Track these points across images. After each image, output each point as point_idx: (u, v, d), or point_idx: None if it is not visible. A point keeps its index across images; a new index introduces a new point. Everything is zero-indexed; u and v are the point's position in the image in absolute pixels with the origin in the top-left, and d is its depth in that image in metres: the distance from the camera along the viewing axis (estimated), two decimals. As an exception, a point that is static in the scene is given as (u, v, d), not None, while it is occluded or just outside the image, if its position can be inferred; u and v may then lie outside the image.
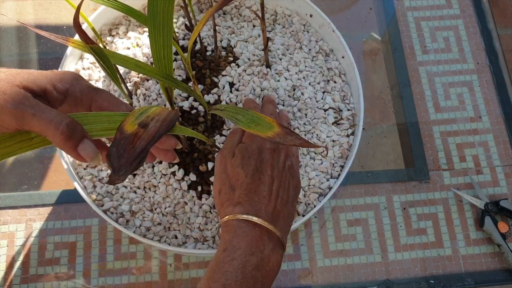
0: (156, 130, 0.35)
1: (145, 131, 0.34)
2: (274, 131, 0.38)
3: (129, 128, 0.34)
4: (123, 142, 0.34)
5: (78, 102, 0.41)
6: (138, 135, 0.34)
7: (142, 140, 0.34)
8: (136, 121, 0.35)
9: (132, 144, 0.34)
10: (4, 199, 0.62)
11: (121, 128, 0.34)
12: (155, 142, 0.35)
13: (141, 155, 0.33)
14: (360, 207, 0.64)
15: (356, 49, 0.72)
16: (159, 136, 0.35)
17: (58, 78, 0.40)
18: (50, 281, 0.59)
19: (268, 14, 0.63)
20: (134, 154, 0.33)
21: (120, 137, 0.34)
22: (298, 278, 0.60)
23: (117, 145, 0.33)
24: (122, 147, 0.33)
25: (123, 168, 0.33)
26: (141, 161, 0.33)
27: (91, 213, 0.61)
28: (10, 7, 0.73)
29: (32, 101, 0.36)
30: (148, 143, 0.34)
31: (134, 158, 0.33)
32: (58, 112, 0.36)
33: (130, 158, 0.33)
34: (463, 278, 0.61)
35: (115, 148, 0.33)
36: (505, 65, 0.72)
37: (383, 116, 0.69)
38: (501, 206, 0.62)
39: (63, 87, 0.40)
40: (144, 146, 0.34)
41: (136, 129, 0.34)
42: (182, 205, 0.53)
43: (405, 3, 0.75)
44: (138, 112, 0.37)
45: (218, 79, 0.58)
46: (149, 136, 0.34)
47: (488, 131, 0.68)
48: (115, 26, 0.62)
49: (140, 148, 0.33)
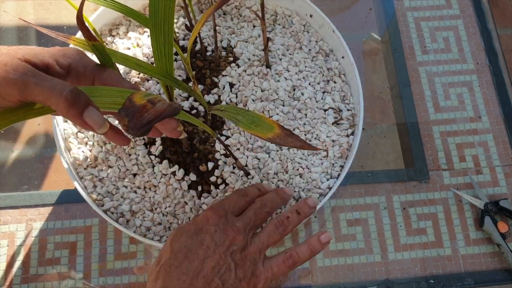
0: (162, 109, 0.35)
1: (153, 107, 0.34)
2: (274, 132, 0.38)
3: (138, 100, 0.34)
4: (132, 109, 0.33)
5: (81, 78, 0.40)
6: (147, 108, 0.34)
7: (149, 114, 0.34)
8: (145, 97, 0.35)
9: (140, 113, 0.33)
10: (4, 199, 0.62)
11: (130, 98, 0.34)
12: (161, 119, 0.34)
13: (147, 126, 0.33)
14: (360, 207, 0.64)
15: (356, 49, 0.72)
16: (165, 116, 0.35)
17: (61, 54, 0.39)
18: (50, 281, 0.59)
19: (268, 15, 0.63)
20: (141, 122, 0.33)
21: (129, 104, 0.34)
22: (298, 278, 0.60)
23: (126, 109, 0.33)
24: (131, 112, 0.33)
25: (130, 130, 0.33)
26: (147, 131, 0.33)
27: (92, 213, 0.61)
28: (10, 7, 0.73)
29: (34, 72, 0.35)
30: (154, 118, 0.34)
31: (141, 126, 0.33)
32: (61, 80, 0.35)
33: (137, 123, 0.33)
34: (463, 278, 0.61)
35: (124, 112, 0.33)
36: (505, 65, 0.72)
37: (383, 116, 0.69)
38: (500, 206, 0.62)
39: (66, 62, 0.39)
40: (151, 119, 0.34)
41: (145, 102, 0.34)
42: (183, 205, 0.53)
43: (405, 3, 0.75)
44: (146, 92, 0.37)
45: (218, 79, 0.58)
46: (156, 112, 0.34)
47: (487, 131, 0.68)
48: (116, 26, 0.62)
49: (147, 120, 0.33)
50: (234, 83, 0.58)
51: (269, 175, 0.54)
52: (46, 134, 0.66)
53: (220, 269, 0.42)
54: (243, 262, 0.44)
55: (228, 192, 0.53)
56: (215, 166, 0.54)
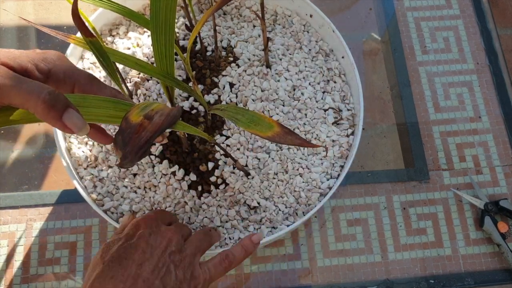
0: (160, 123, 0.35)
1: (150, 122, 0.34)
2: (274, 130, 0.38)
3: (135, 119, 0.34)
4: (128, 131, 0.33)
5: (60, 84, 0.39)
6: (144, 125, 0.34)
7: (147, 131, 0.34)
8: (141, 113, 0.35)
9: (137, 133, 0.33)
10: (4, 199, 0.62)
11: (126, 118, 0.34)
12: (159, 134, 0.34)
13: (146, 146, 0.33)
14: (360, 207, 0.64)
15: (356, 49, 0.72)
16: (164, 129, 0.35)
17: (41, 58, 0.38)
18: (51, 281, 0.59)
19: (268, 15, 0.63)
20: (140, 143, 0.33)
21: (126, 126, 0.34)
22: (298, 278, 0.60)
23: (123, 133, 0.33)
24: (128, 136, 0.33)
25: (128, 155, 0.33)
26: (146, 151, 0.33)
27: (92, 213, 0.61)
28: (11, 7, 0.73)
29: (11, 74, 0.34)
30: (153, 134, 0.34)
31: (139, 148, 0.33)
32: (39, 82, 0.34)
33: (135, 147, 0.33)
34: (463, 278, 0.61)
35: (121, 136, 0.33)
36: (505, 65, 0.72)
37: (383, 116, 0.69)
38: (501, 206, 0.62)
39: (46, 68, 0.38)
40: (149, 136, 0.34)
41: (142, 119, 0.34)
42: (183, 205, 0.53)
43: (405, 3, 0.75)
44: (142, 105, 0.37)
45: (218, 79, 0.58)
46: (154, 128, 0.34)
47: (487, 131, 0.68)
48: (116, 26, 0.62)
49: (145, 139, 0.33)
50: (234, 83, 0.58)
51: (269, 175, 0.54)
52: (46, 134, 0.66)
53: (160, 271, 0.41)
54: (182, 263, 0.42)
55: (228, 192, 0.53)
56: (215, 166, 0.54)
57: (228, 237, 0.53)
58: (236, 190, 0.53)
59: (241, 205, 0.54)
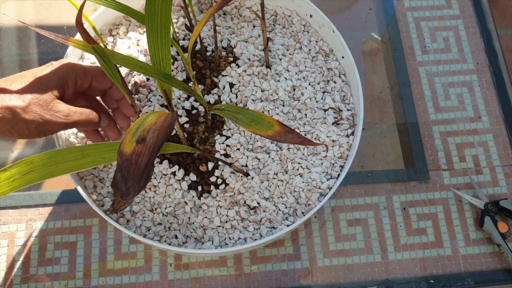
0: (155, 142, 0.35)
1: (145, 145, 0.34)
2: (274, 129, 0.39)
3: (128, 149, 0.34)
4: (125, 164, 0.33)
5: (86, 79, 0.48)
6: (138, 152, 0.34)
7: (144, 156, 0.34)
8: (133, 138, 0.35)
9: (135, 163, 0.33)
10: (4, 199, 0.62)
11: (120, 152, 0.34)
12: (157, 153, 0.34)
13: (147, 170, 0.33)
14: (360, 207, 0.64)
15: (356, 49, 0.72)
16: (160, 146, 0.35)
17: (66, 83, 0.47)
18: (51, 280, 0.59)
19: (268, 15, 0.63)
20: (140, 171, 0.33)
21: (121, 161, 0.33)
22: (298, 278, 0.60)
23: (121, 169, 0.33)
24: (126, 170, 0.33)
25: (131, 190, 0.32)
26: (148, 176, 0.33)
27: (92, 213, 0.61)
28: (11, 7, 0.73)
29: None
30: (150, 156, 0.34)
31: (141, 176, 0.33)
32: None
33: (136, 177, 0.33)
34: (463, 278, 0.61)
35: (120, 173, 0.33)
36: (505, 65, 0.72)
37: (383, 116, 0.69)
38: (501, 206, 0.62)
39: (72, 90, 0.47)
40: (148, 160, 0.33)
41: (135, 147, 0.34)
42: (183, 205, 0.53)
43: (405, 3, 0.76)
44: (135, 128, 0.36)
45: (218, 79, 0.58)
46: (150, 150, 0.34)
47: (488, 131, 0.68)
48: (116, 26, 0.62)
49: (144, 164, 0.33)
50: (234, 83, 0.58)
51: (269, 175, 0.54)
52: (46, 134, 0.66)
53: None
54: None
55: (228, 193, 0.53)
56: (215, 166, 0.54)
57: (228, 237, 0.53)
58: (236, 190, 0.53)
59: (241, 205, 0.54)
